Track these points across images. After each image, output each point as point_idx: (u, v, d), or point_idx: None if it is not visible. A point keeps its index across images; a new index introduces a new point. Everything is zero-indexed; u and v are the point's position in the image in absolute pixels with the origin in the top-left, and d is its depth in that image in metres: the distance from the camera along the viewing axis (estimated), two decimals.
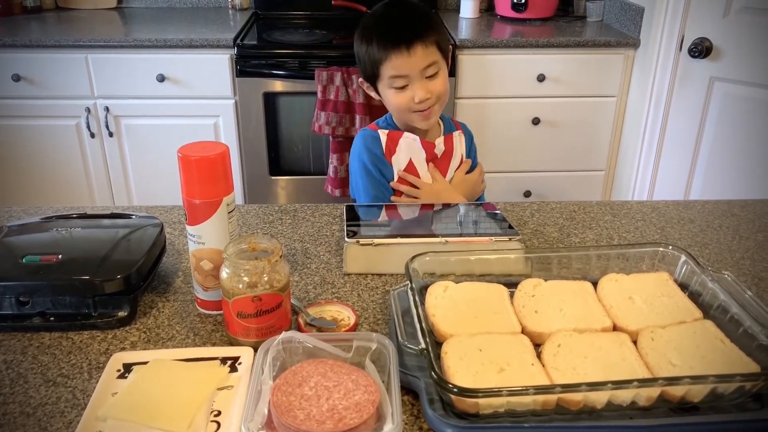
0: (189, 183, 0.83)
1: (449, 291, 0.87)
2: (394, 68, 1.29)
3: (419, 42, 1.27)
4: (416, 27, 1.29)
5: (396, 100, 1.33)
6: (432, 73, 1.31)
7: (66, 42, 2.40)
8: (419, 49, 1.27)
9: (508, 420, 0.68)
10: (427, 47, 1.29)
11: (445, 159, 1.43)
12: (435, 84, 1.32)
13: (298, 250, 1.08)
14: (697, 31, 2.26)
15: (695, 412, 0.70)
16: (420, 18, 1.31)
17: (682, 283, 0.91)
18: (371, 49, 1.31)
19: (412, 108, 1.32)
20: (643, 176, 2.58)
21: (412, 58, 1.27)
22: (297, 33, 2.67)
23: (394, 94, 1.33)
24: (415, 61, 1.28)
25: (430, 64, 1.30)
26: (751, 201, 1.30)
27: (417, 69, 1.29)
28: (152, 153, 2.60)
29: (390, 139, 1.40)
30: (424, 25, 1.30)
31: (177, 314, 0.91)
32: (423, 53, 1.28)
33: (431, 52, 1.30)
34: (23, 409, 0.73)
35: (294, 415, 0.66)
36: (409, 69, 1.29)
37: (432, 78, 1.31)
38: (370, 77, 1.37)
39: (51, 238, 0.95)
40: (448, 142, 1.43)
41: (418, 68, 1.29)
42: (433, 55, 1.30)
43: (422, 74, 1.30)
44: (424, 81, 1.30)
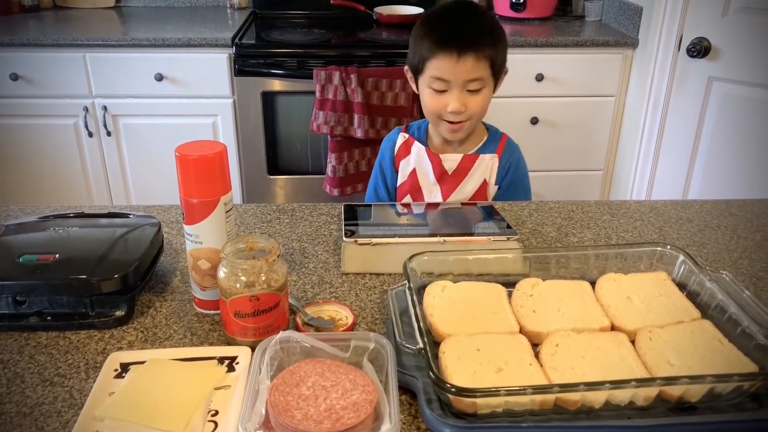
0: (186, 182, 0.83)
1: (447, 290, 0.87)
2: (437, 69, 1.24)
3: (472, 52, 1.21)
4: (476, 35, 1.22)
5: (430, 102, 1.28)
6: (475, 89, 1.25)
7: (64, 41, 2.40)
8: (470, 59, 1.21)
9: (506, 420, 0.68)
10: (478, 60, 1.22)
11: (456, 178, 1.35)
12: (474, 100, 1.26)
13: (296, 250, 1.08)
14: (696, 31, 2.27)
15: (693, 411, 0.70)
16: (484, 28, 1.25)
17: (680, 282, 0.90)
18: (424, 40, 1.25)
19: (443, 116, 1.27)
20: (642, 176, 2.58)
21: (458, 65, 1.21)
22: (295, 32, 2.67)
23: (430, 95, 1.27)
24: (460, 70, 1.22)
25: (476, 79, 1.24)
26: (749, 201, 1.30)
27: (460, 78, 1.23)
28: (150, 152, 2.59)
29: (405, 143, 1.38)
30: (485, 36, 1.24)
31: (174, 314, 0.91)
32: (472, 65, 1.22)
33: (481, 67, 1.23)
34: (20, 408, 0.72)
35: (291, 415, 0.65)
36: (452, 75, 1.23)
37: (473, 93, 1.25)
38: (415, 68, 1.30)
39: (48, 237, 0.95)
40: (467, 161, 1.35)
41: (462, 78, 1.23)
42: (481, 71, 1.24)
43: (464, 85, 1.24)
44: (464, 93, 1.24)
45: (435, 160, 1.35)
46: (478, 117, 1.31)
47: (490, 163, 1.36)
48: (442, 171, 1.35)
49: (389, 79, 2.36)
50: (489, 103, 1.30)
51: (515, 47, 2.48)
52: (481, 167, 1.35)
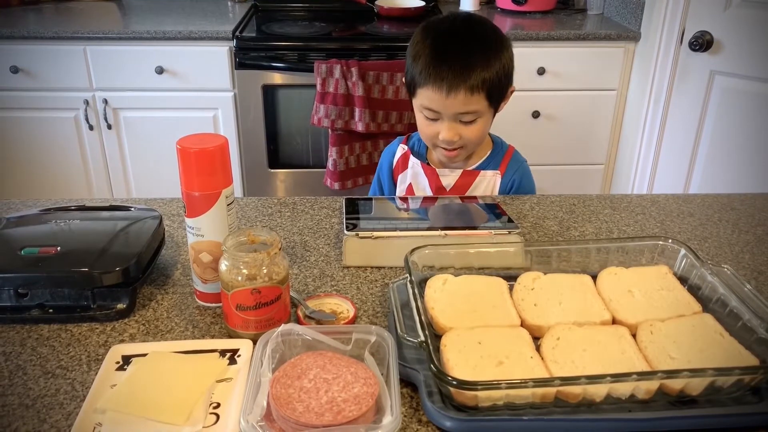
0: (188, 175, 0.83)
1: (448, 284, 0.87)
2: (427, 100, 1.17)
3: (464, 87, 1.13)
4: (470, 67, 1.12)
5: (422, 126, 1.22)
6: (468, 120, 1.18)
7: (64, 34, 2.39)
8: (461, 95, 1.13)
9: (507, 413, 0.68)
10: (472, 95, 1.14)
11: (454, 194, 1.28)
12: (468, 130, 1.18)
13: (297, 243, 1.08)
14: (698, 25, 2.26)
15: (694, 405, 0.70)
16: (481, 56, 1.14)
17: (681, 276, 0.91)
18: (416, 64, 1.16)
19: (435, 142, 1.22)
20: (643, 170, 2.58)
21: (448, 100, 1.14)
22: (296, 25, 2.66)
23: (422, 120, 1.21)
24: (451, 104, 1.15)
25: (468, 112, 1.16)
26: (750, 195, 1.30)
27: (450, 112, 1.16)
28: (151, 145, 2.59)
29: (403, 156, 1.33)
30: (481, 65, 1.13)
31: (176, 306, 0.91)
32: (464, 100, 1.14)
33: (475, 101, 1.15)
34: (22, 400, 0.73)
35: (293, 408, 0.66)
36: (443, 108, 1.16)
37: (468, 123, 1.18)
38: (408, 85, 1.23)
39: (49, 230, 0.95)
40: (467, 177, 1.27)
41: (452, 111, 1.16)
42: (475, 104, 1.16)
43: (456, 117, 1.17)
44: (456, 123, 1.18)
45: (432, 176, 1.29)
46: (475, 144, 1.24)
47: (492, 180, 1.29)
48: (439, 187, 1.29)
49: (390, 73, 2.36)
50: (487, 129, 1.23)
51: (517, 41, 2.47)
52: (482, 184, 1.29)
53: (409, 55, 1.20)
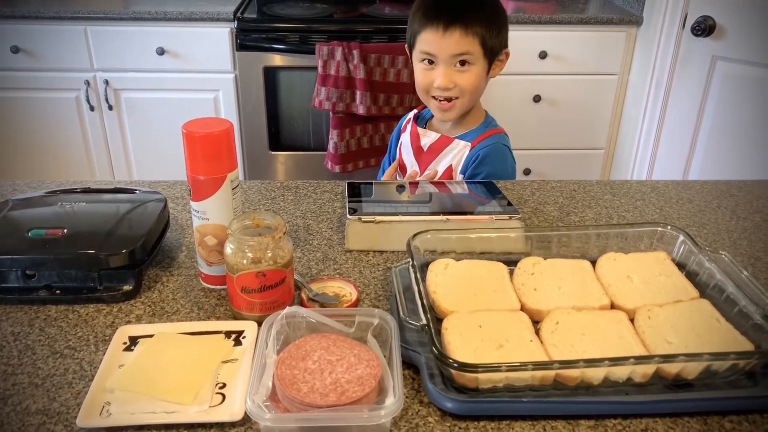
0: (193, 159, 0.84)
1: (450, 268, 0.88)
2: (425, 42, 1.22)
3: (460, 26, 1.18)
4: (465, 9, 1.19)
5: (419, 77, 1.27)
6: (462, 65, 1.22)
7: (65, 14, 2.38)
8: (456, 34, 1.19)
9: (506, 395, 0.70)
10: (466, 35, 1.19)
11: (430, 155, 1.34)
12: (462, 77, 1.22)
13: (300, 227, 1.09)
14: (701, 10, 2.25)
15: (689, 388, 0.72)
16: (474, 3, 1.21)
17: (679, 262, 0.92)
18: (415, 15, 1.24)
19: (431, 92, 1.26)
20: (643, 155, 2.59)
21: (445, 39, 1.19)
22: (298, 7, 2.65)
23: (420, 70, 1.26)
24: (447, 44, 1.19)
25: (463, 53, 1.20)
26: (749, 182, 1.31)
27: (446, 53, 1.20)
28: (152, 127, 2.59)
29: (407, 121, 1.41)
30: (474, 10, 1.20)
31: (181, 288, 0.92)
32: (459, 39, 1.19)
33: (469, 42, 1.20)
34: (32, 379, 0.74)
35: (298, 388, 0.67)
36: (439, 50, 1.21)
37: (462, 70, 1.22)
38: (409, 44, 1.29)
39: (55, 212, 0.96)
40: (442, 141, 1.33)
41: (448, 53, 1.20)
42: (470, 45, 1.20)
43: (451, 60, 1.21)
44: (451, 69, 1.22)
45: (414, 135, 1.36)
46: (470, 96, 1.26)
47: (462, 150, 1.31)
48: (418, 146, 1.35)
49: (392, 55, 2.35)
50: (481, 82, 1.26)
51: (519, 24, 2.46)
52: (452, 152, 1.32)
53: (410, 16, 1.27)
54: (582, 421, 0.69)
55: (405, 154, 1.37)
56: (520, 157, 2.81)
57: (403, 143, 1.37)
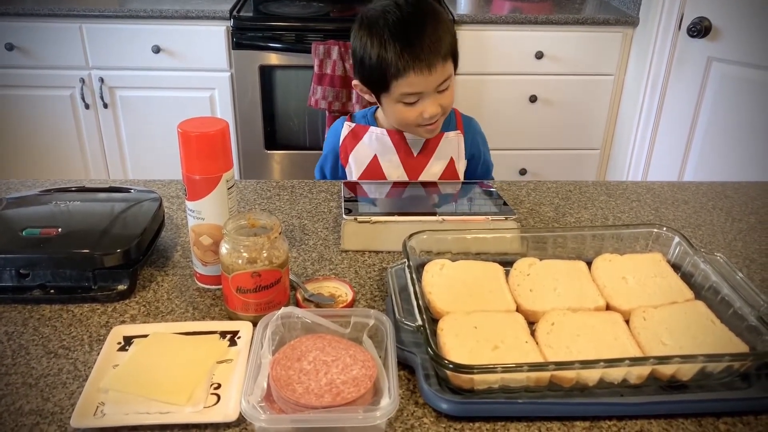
0: (189, 159, 0.84)
1: (445, 269, 0.88)
2: (410, 86, 1.15)
3: (439, 57, 1.15)
4: (437, 39, 1.15)
5: (403, 115, 1.21)
6: (445, 87, 1.20)
7: (60, 11, 2.37)
8: (439, 66, 1.15)
9: (502, 396, 0.70)
10: (445, 62, 1.17)
11: (423, 158, 1.29)
12: (445, 97, 1.21)
13: (295, 227, 1.09)
14: (697, 11, 2.26)
15: (684, 390, 0.72)
16: (439, 24, 1.17)
17: (674, 263, 0.92)
18: (384, 58, 1.14)
19: (419, 122, 1.21)
20: (639, 156, 2.59)
21: (431, 76, 1.15)
22: (294, 5, 2.64)
23: (401, 109, 1.20)
24: (433, 79, 1.16)
25: (445, 80, 1.18)
26: (744, 183, 1.31)
27: (432, 86, 1.17)
28: (147, 125, 2.58)
29: (352, 132, 1.30)
30: (443, 33, 1.16)
31: (176, 288, 0.92)
32: (441, 70, 1.16)
33: (447, 66, 1.18)
34: (25, 379, 0.74)
35: (293, 389, 0.67)
36: (426, 87, 1.16)
37: (443, 92, 1.20)
38: (375, 85, 1.21)
39: (50, 211, 0.95)
40: (432, 140, 1.29)
41: (434, 85, 1.17)
42: (448, 69, 1.19)
43: (435, 90, 1.18)
44: (436, 96, 1.19)
45: (399, 141, 1.28)
46: (449, 109, 1.26)
47: (456, 140, 1.31)
48: (407, 152, 1.29)
49: None
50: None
51: (515, 24, 2.47)
52: (446, 146, 1.30)
53: (365, 52, 1.17)
54: (577, 423, 0.70)
55: (387, 165, 1.28)
56: (516, 157, 2.83)
57: (381, 156, 1.28)
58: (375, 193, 1.16)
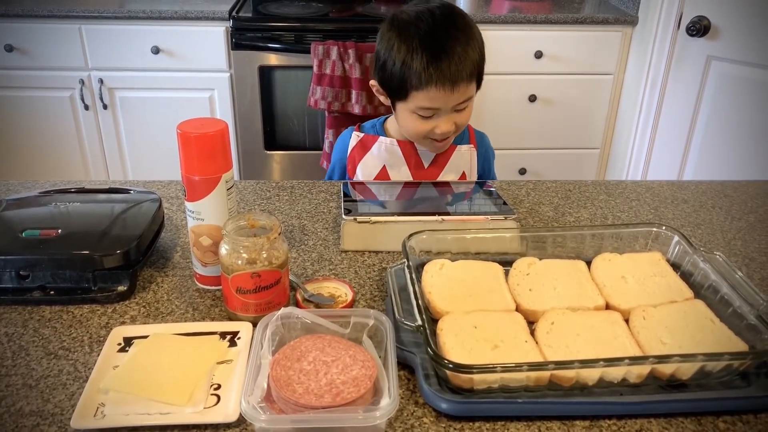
0: (188, 159, 0.84)
1: (445, 269, 0.88)
2: (428, 100, 1.13)
3: (465, 78, 1.12)
4: (466, 58, 1.12)
5: (416, 126, 1.18)
6: (464, 107, 1.17)
7: (59, 12, 2.37)
8: (462, 86, 1.12)
9: (501, 395, 0.70)
10: (469, 83, 1.14)
11: (434, 170, 1.28)
12: (461, 116, 1.18)
13: (295, 227, 1.09)
14: (696, 10, 2.26)
15: (684, 389, 0.72)
16: (470, 42, 1.13)
17: (674, 263, 0.92)
18: (408, 66, 1.11)
19: (430, 136, 1.19)
20: (638, 155, 2.59)
21: (453, 95, 1.12)
22: (293, 6, 2.64)
23: (415, 120, 1.18)
24: (454, 98, 1.13)
25: (466, 100, 1.16)
26: (744, 182, 1.31)
27: (451, 105, 1.14)
28: (147, 126, 2.58)
29: (360, 142, 1.28)
30: (472, 52, 1.13)
31: (176, 289, 0.92)
32: (464, 90, 1.13)
33: (471, 87, 1.15)
34: (26, 381, 0.74)
35: (293, 389, 0.67)
36: (445, 104, 1.14)
37: (461, 111, 1.17)
38: (393, 91, 1.18)
39: (50, 212, 0.95)
40: (445, 152, 1.27)
41: (454, 104, 1.15)
42: (471, 90, 1.16)
43: (453, 108, 1.16)
44: (453, 114, 1.16)
45: (409, 152, 1.26)
46: (463, 128, 1.24)
47: (468, 154, 1.29)
48: (418, 163, 1.27)
49: None
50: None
51: (514, 23, 2.47)
52: (458, 159, 1.29)
53: (391, 57, 1.14)
54: (577, 422, 0.70)
55: (395, 175, 1.27)
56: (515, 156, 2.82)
57: (391, 166, 1.27)
58: (375, 193, 1.16)
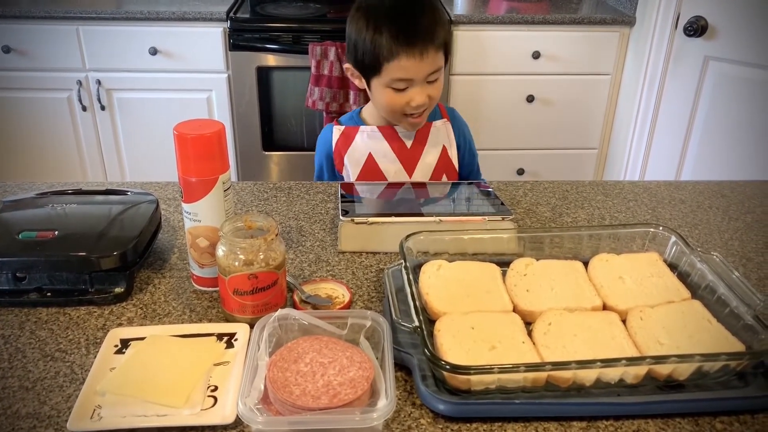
0: (185, 161, 0.84)
1: (442, 270, 0.88)
2: (401, 70, 1.18)
3: (432, 45, 1.17)
4: (431, 26, 1.18)
5: (391, 101, 1.23)
6: (434, 78, 1.22)
7: (57, 13, 2.37)
8: (431, 54, 1.18)
9: (499, 396, 0.70)
10: (437, 51, 1.19)
11: (417, 148, 1.32)
12: (434, 88, 1.23)
13: (292, 228, 1.09)
14: (693, 10, 2.26)
15: (681, 389, 0.72)
16: (434, 14, 1.20)
17: (671, 263, 0.92)
18: (377, 41, 1.18)
19: (406, 111, 1.24)
20: (636, 155, 2.59)
21: (423, 62, 1.17)
22: (291, 6, 2.64)
23: (390, 94, 1.22)
24: (424, 67, 1.18)
25: (437, 69, 1.21)
26: (741, 182, 1.32)
27: (423, 74, 1.19)
28: (145, 127, 2.58)
29: (343, 134, 1.31)
30: (437, 23, 1.19)
31: (173, 290, 0.92)
32: (433, 58, 1.19)
33: (440, 57, 1.21)
34: (22, 383, 0.74)
35: (290, 391, 0.67)
36: (416, 73, 1.19)
37: (433, 83, 1.22)
38: (367, 69, 1.23)
39: (47, 214, 0.95)
40: (422, 131, 1.32)
41: (425, 73, 1.19)
42: (440, 60, 1.21)
43: (425, 79, 1.20)
44: (425, 86, 1.21)
45: (391, 136, 1.30)
46: (436, 102, 1.28)
47: (443, 128, 1.34)
48: (401, 145, 1.31)
49: None
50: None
51: (512, 24, 2.47)
52: (435, 135, 1.33)
53: (360, 35, 1.21)
54: (574, 423, 0.70)
55: (382, 161, 1.30)
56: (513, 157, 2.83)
57: (376, 152, 1.30)
58: (372, 194, 1.16)
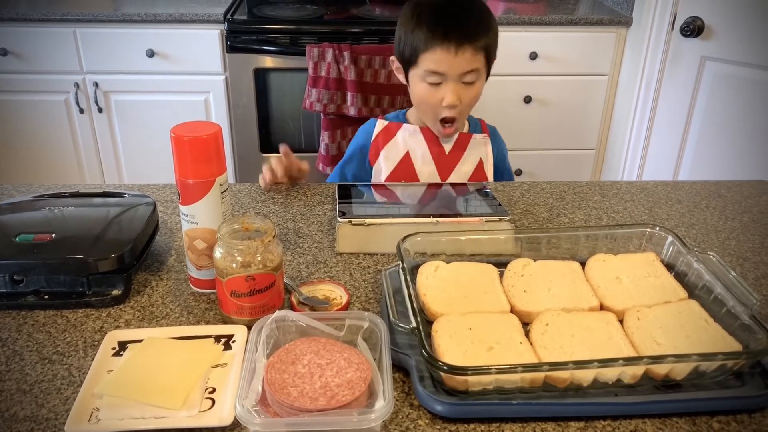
0: (182, 163, 0.84)
1: (440, 271, 0.88)
2: (434, 62, 1.20)
3: (470, 44, 1.19)
4: (473, 26, 1.20)
5: (425, 95, 1.24)
6: (470, 80, 1.23)
7: (54, 16, 2.37)
8: (468, 52, 1.19)
9: (496, 397, 0.70)
10: (476, 52, 1.20)
11: (453, 157, 1.33)
12: (468, 92, 1.24)
13: (290, 230, 1.09)
14: (690, 10, 2.26)
15: (678, 389, 0.72)
16: (480, 17, 1.22)
17: (668, 263, 0.92)
18: (417, 32, 1.20)
19: (438, 110, 1.24)
20: (633, 155, 2.60)
21: (457, 58, 1.19)
22: (288, 8, 2.64)
23: (424, 88, 1.24)
24: (458, 63, 1.19)
25: (472, 71, 1.21)
26: (738, 182, 1.32)
27: (457, 71, 1.20)
28: (142, 129, 2.58)
29: (385, 129, 1.33)
30: (482, 26, 1.21)
31: (170, 293, 0.92)
32: (470, 57, 1.20)
33: (478, 59, 1.21)
34: (20, 386, 0.74)
35: (287, 393, 0.67)
36: (449, 68, 1.20)
37: (468, 85, 1.23)
38: (406, 61, 1.26)
39: (44, 216, 0.95)
40: (463, 139, 1.34)
41: (459, 71, 1.20)
42: (477, 62, 1.21)
43: (460, 78, 1.21)
44: (459, 85, 1.22)
45: (431, 138, 1.32)
46: (469, 110, 1.29)
47: (483, 142, 1.35)
48: (440, 150, 1.32)
49: (382, 57, 2.35)
50: (480, 95, 1.28)
51: (509, 25, 2.47)
52: (475, 147, 1.34)
53: (405, 27, 1.24)
54: (572, 423, 0.70)
55: (418, 162, 1.32)
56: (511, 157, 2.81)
57: (413, 152, 1.32)
58: (369, 195, 1.16)
